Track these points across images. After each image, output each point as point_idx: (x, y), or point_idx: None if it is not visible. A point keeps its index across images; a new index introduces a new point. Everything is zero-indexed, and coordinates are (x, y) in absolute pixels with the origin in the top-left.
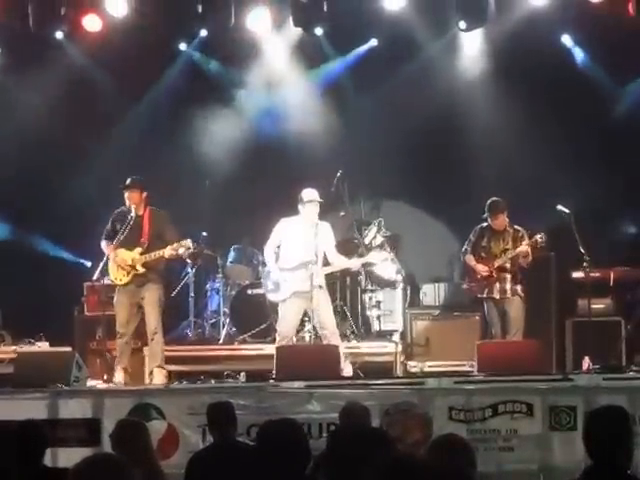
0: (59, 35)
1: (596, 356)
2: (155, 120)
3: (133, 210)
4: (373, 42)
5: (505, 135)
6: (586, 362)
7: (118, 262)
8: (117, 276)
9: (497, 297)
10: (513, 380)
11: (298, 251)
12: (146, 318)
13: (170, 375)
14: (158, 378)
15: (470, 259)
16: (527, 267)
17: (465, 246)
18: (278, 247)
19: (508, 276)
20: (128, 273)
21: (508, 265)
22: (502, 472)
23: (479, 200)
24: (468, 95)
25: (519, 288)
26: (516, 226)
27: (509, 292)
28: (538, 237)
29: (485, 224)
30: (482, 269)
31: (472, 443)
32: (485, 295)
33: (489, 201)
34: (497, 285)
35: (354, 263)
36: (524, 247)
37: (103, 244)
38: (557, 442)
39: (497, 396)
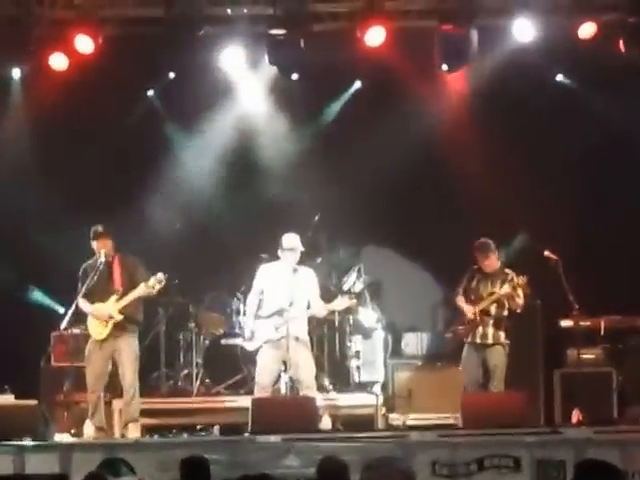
0: (16, 74)
1: (586, 408)
2: (122, 162)
3: (103, 256)
4: (357, 84)
5: (492, 178)
6: (576, 414)
7: (97, 316)
8: (97, 331)
9: (478, 341)
10: (499, 433)
11: (275, 298)
12: (122, 370)
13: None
14: (133, 432)
15: (460, 300)
16: (520, 312)
17: (458, 288)
18: (262, 294)
19: (491, 321)
20: (106, 325)
21: (493, 309)
22: None
23: (463, 246)
24: (454, 137)
25: (502, 335)
26: (507, 269)
27: (490, 338)
28: (519, 279)
29: (477, 266)
30: (468, 310)
31: None
32: (468, 340)
33: (478, 242)
34: (480, 329)
35: (319, 311)
36: (506, 289)
37: (81, 302)
38: None
39: (483, 450)
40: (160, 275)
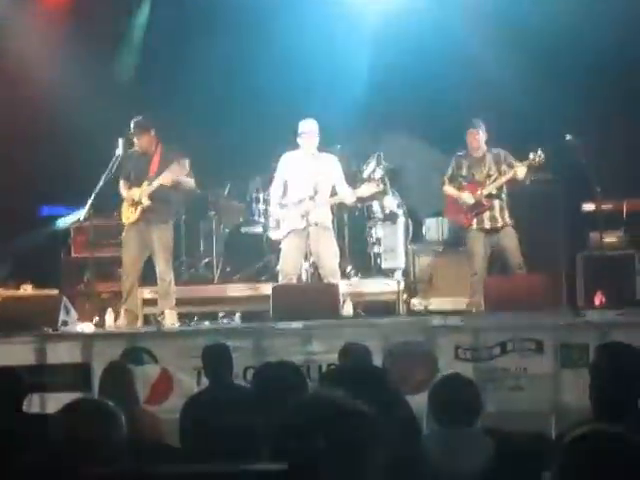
0: None
1: (609, 291)
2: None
3: (145, 149)
4: None
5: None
6: (598, 297)
7: (127, 200)
8: (126, 215)
9: (488, 227)
10: (522, 317)
11: (298, 187)
12: (156, 259)
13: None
14: (170, 319)
15: (451, 189)
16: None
17: (443, 177)
18: (285, 183)
19: (497, 203)
20: (135, 209)
21: (494, 191)
22: (512, 412)
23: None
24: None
25: (507, 215)
26: (494, 148)
27: (500, 220)
28: (534, 155)
29: (461, 152)
30: (468, 197)
31: (480, 383)
32: (475, 226)
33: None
34: (487, 213)
35: (347, 197)
36: (522, 168)
37: (121, 184)
38: (569, 381)
39: (505, 333)
40: (185, 162)
